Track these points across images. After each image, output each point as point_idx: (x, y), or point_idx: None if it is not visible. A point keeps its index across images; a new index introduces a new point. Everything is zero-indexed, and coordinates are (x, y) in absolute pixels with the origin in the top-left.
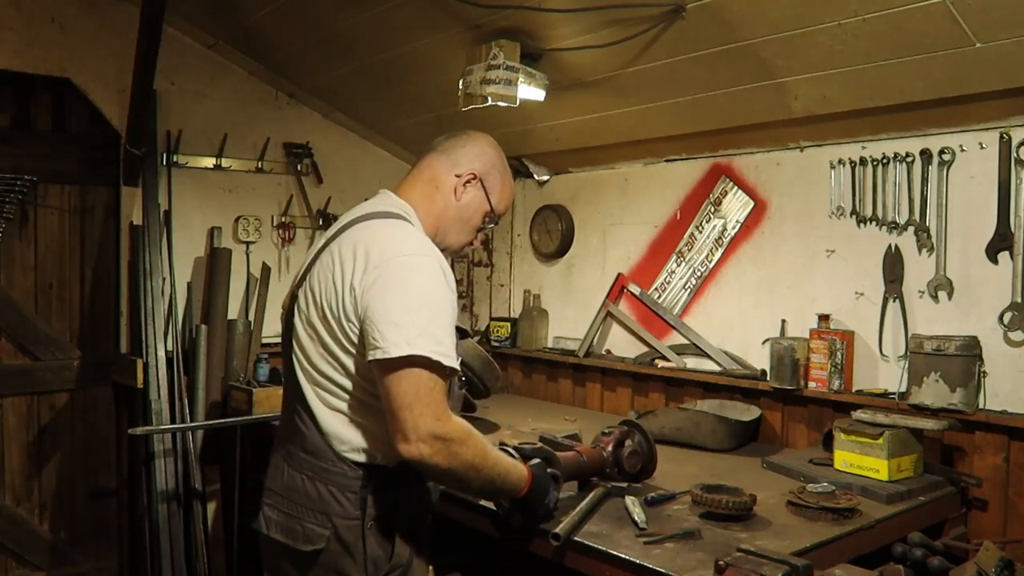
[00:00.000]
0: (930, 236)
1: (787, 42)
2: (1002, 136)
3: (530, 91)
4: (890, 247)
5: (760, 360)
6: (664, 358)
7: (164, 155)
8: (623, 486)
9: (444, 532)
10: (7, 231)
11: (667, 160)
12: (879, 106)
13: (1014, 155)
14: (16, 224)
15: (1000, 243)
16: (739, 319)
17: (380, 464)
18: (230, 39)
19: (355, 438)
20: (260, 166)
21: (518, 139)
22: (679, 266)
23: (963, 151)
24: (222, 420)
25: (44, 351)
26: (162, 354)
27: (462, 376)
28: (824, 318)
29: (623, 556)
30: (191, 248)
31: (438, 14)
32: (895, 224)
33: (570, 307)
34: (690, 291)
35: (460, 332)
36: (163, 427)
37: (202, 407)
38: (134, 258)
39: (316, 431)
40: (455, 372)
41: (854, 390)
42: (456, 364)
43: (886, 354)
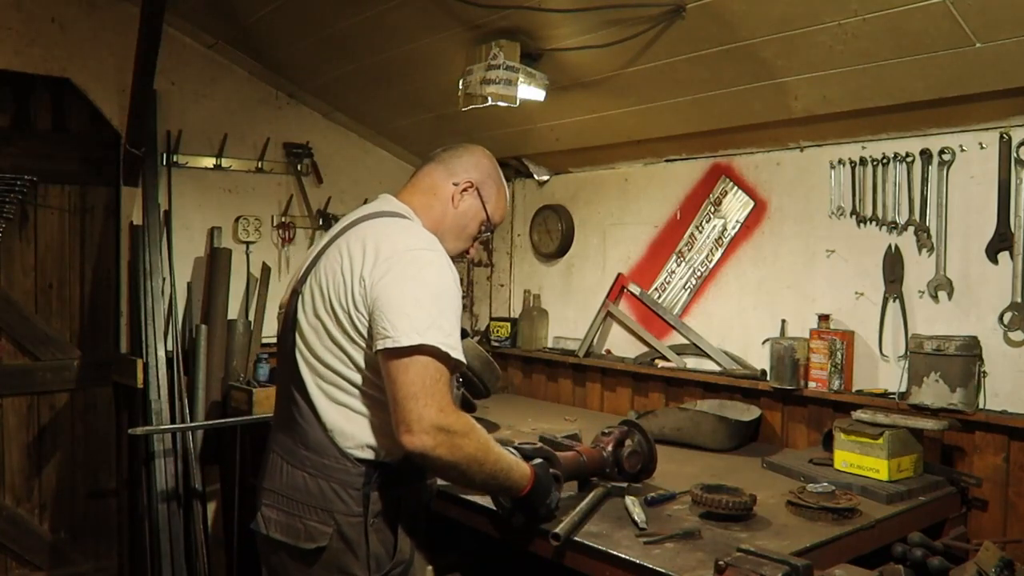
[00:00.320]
0: (930, 236)
1: (787, 42)
2: (1002, 136)
3: (530, 91)
4: (890, 247)
5: (760, 360)
6: (664, 358)
7: (164, 155)
8: (623, 486)
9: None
10: (7, 231)
11: (667, 160)
12: (879, 106)
13: (1014, 155)
14: (16, 224)
15: (1000, 243)
16: (739, 319)
17: (383, 461)
18: (230, 39)
19: (359, 434)
20: (260, 166)
21: (518, 139)
22: (679, 266)
23: (963, 151)
24: (222, 420)
25: (44, 351)
26: (162, 354)
27: (460, 378)
28: (824, 318)
29: (623, 556)
30: (191, 248)
31: (438, 14)
32: (895, 224)
33: (570, 307)
34: (690, 291)
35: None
36: (163, 427)
37: (202, 407)
38: (134, 258)
39: (319, 427)
40: (461, 366)
41: (854, 390)
42: (463, 358)
43: (886, 354)
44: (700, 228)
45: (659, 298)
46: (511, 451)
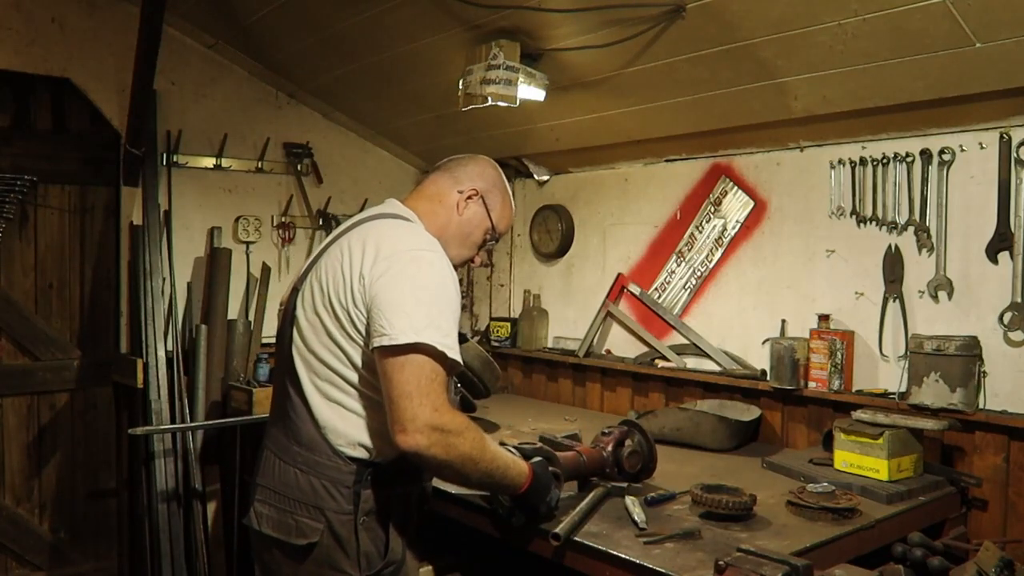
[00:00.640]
0: (930, 236)
1: (787, 42)
2: (1002, 136)
3: (530, 91)
4: (890, 247)
5: (760, 360)
6: (664, 358)
7: (164, 155)
8: (623, 486)
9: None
10: (7, 231)
11: (667, 160)
12: (879, 106)
13: (1014, 155)
14: (16, 224)
15: (1000, 243)
16: (739, 319)
17: (375, 460)
18: (230, 39)
19: (351, 432)
20: (260, 166)
21: (518, 139)
22: (679, 266)
23: (963, 151)
24: (222, 420)
25: (44, 351)
26: (162, 354)
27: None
28: (824, 318)
29: (623, 556)
30: (191, 248)
31: (438, 14)
32: (895, 224)
33: (570, 307)
34: (690, 291)
35: (460, 337)
36: (163, 427)
37: (202, 407)
38: (134, 258)
39: (311, 424)
40: (458, 367)
41: (854, 390)
42: (460, 359)
43: (886, 354)
44: (700, 228)
45: (659, 298)
46: (510, 450)
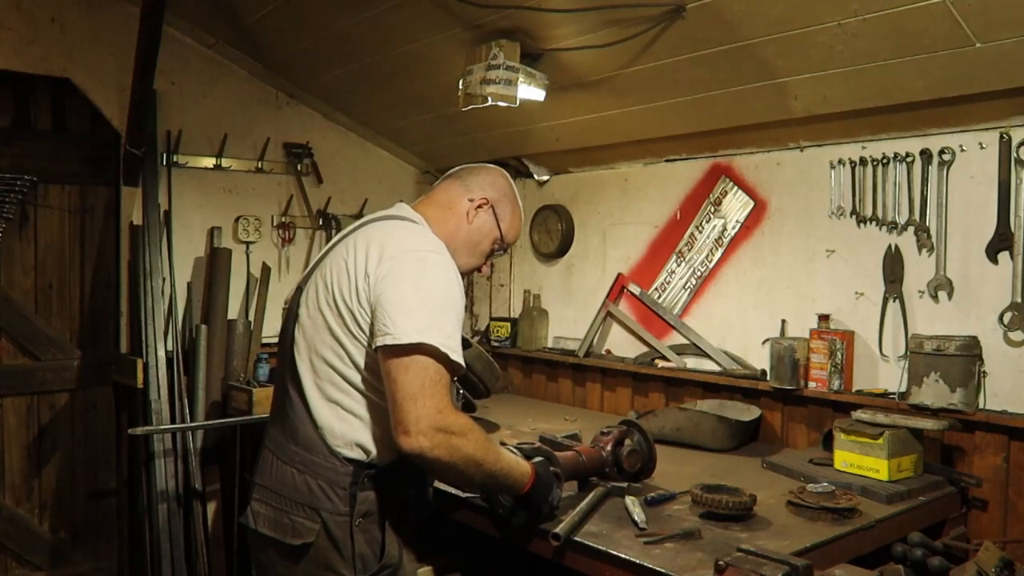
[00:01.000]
0: (930, 236)
1: (787, 42)
2: (1002, 136)
3: (530, 91)
4: (890, 247)
5: (760, 360)
6: (664, 358)
7: (164, 155)
8: (623, 486)
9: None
10: (7, 231)
11: (667, 160)
12: (879, 106)
13: (1014, 155)
14: (16, 224)
15: (1000, 243)
16: (739, 319)
17: (371, 462)
18: (230, 39)
19: (348, 433)
20: (260, 166)
21: (518, 139)
22: (679, 266)
23: (963, 151)
24: (222, 420)
25: (44, 351)
26: (162, 354)
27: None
28: (824, 318)
29: (623, 556)
30: (191, 248)
31: (438, 14)
32: (895, 224)
33: (570, 307)
34: (690, 291)
35: (463, 342)
36: (163, 427)
37: (202, 407)
38: (134, 258)
39: (310, 423)
40: (460, 369)
41: (854, 390)
42: (462, 362)
43: (886, 354)
44: (700, 228)
45: (659, 298)
46: (511, 450)
